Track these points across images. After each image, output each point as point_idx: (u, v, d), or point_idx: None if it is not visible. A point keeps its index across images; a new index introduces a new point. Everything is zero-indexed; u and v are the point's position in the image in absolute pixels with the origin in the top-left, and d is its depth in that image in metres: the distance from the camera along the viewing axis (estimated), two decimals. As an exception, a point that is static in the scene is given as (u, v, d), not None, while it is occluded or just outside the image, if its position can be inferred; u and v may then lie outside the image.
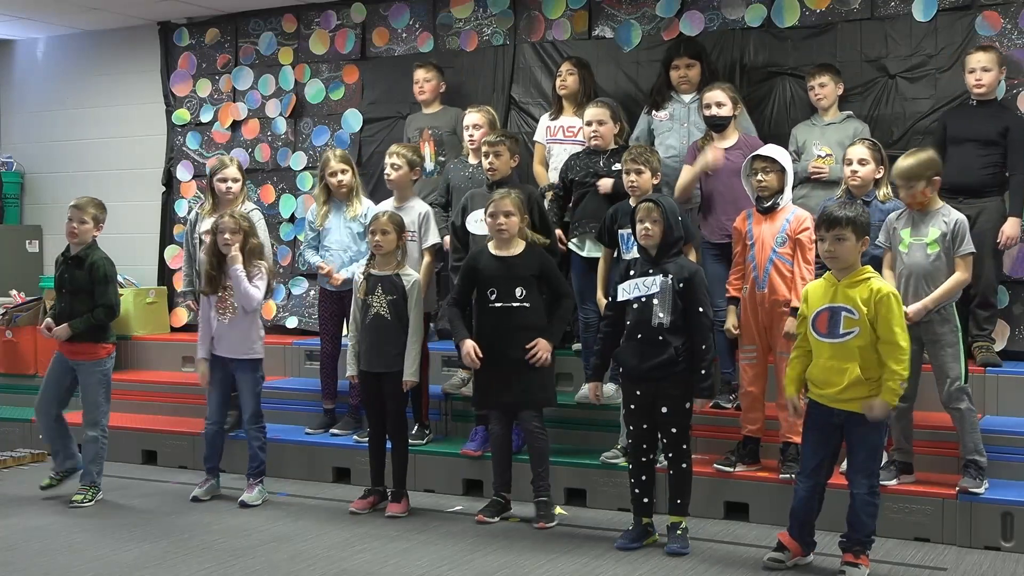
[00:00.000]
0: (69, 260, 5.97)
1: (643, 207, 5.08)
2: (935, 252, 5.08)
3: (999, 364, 5.83)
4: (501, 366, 5.42)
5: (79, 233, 5.93)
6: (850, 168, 5.49)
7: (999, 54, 5.97)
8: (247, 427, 6.02)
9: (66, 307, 5.96)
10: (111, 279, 5.98)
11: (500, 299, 5.43)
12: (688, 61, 6.45)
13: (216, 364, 5.99)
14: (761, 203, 5.41)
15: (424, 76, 7.20)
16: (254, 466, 6.00)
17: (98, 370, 5.98)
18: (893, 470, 5.22)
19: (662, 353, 4.95)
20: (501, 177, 5.97)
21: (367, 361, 5.73)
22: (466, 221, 6.02)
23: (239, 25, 8.48)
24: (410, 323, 5.69)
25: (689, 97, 6.42)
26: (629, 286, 5.09)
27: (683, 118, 6.37)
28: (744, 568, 4.77)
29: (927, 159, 5.12)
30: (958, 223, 5.08)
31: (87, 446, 5.97)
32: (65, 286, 5.97)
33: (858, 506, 4.55)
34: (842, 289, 4.55)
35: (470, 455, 6.04)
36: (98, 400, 5.98)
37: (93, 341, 5.95)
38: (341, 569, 4.81)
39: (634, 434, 5.11)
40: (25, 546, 5.20)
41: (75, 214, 5.94)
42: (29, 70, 9.52)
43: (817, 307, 4.60)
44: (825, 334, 4.57)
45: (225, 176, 6.54)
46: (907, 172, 5.10)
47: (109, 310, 5.97)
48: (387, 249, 5.70)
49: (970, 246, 5.07)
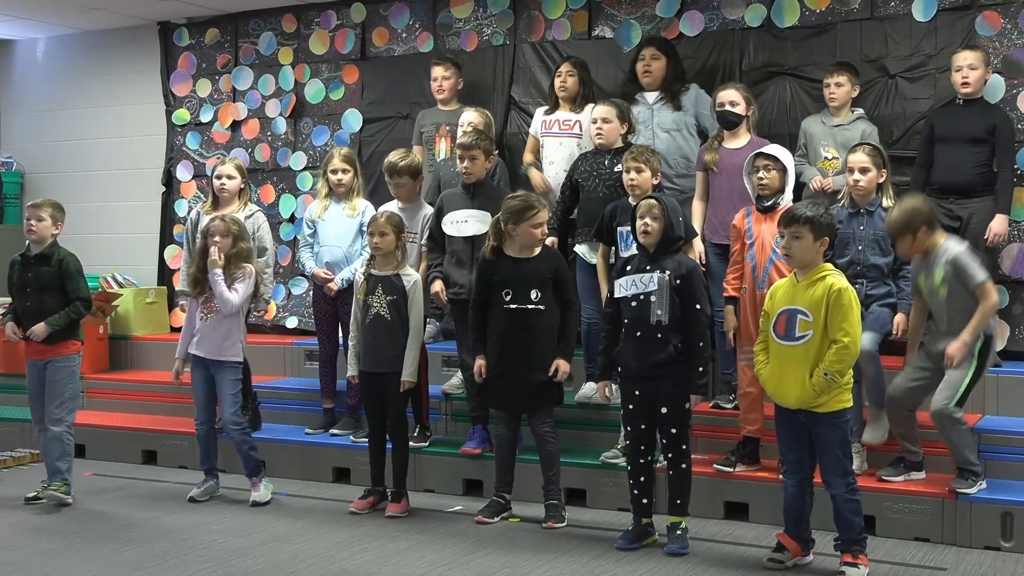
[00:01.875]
0: (32, 259, 5.95)
1: (644, 204, 5.07)
2: (946, 293, 5.08)
3: (999, 364, 5.82)
4: (513, 366, 5.42)
5: (37, 231, 5.91)
6: (852, 177, 5.48)
7: (985, 53, 5.99)
8: (228, 430, 5.99)
9: (33, 306, 5.92)
10: (81, 273, 6.01)
11: (515, 300, 5.42)
12: (653, 52, 6.45)
13: (199, 364, 5.99)
14: (761, 202, 5.40)
15: (443, 74, 7.17)
16: (250, 466, 6.00)
17: (68, 365, 5.97)
18: (902, 467, 5.22)
19: (661, 351, 4.95)
20: (476, 179, 5.99)
21: (367, 361, 5.72)
22: (442, 223, 6.03)
23: (239, 25, 8.47)
24: (410, 324, 5.69)
25: (653, 97, 6.42)
26: (626, 282, 5.08)
27: (647, 120, 6.36)
28: (744, 568, 4.77)
29: (911, 211, 5.08)
30: (956, 261, 5.04)
31: (51, 444, 5.91)
32: (29, 285, 5.93)
33: (840, 506, 4.57)
34: (801, 290, 4.57)
35: (470, 453, 6.04)
36: (64, 396, 5.94)
37: (64, 339, 5.95)
38: (341, 569, 4.81)
39: (633, 434, 5.11)
40: (25, 546, 5.20)
41: (32, 212, 5.94)
42: (29, 70, 9.52)
43: (779, 308, 4.62)
44: (783, 336, 4.59)
45: (220, 173, 6.59)
46: (892, 230, 5.13)
47: (87, 303, 6.01)
48: (385, 250, 5.70)
49: (978, 275, 5.01)
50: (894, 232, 5.13)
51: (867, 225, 5.49)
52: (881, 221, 5.39)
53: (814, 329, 4.50)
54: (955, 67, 5.91)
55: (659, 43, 6.57)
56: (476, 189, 5.98)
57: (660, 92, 6.43)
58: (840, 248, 5.44)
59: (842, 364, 4.47)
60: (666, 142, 6.31)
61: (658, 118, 6.37)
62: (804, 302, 4.54)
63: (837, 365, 4.46)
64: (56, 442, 5.91)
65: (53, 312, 5.88)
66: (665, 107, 6.41)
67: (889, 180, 5.54)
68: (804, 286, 4.57)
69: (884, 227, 5.24)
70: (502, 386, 5.49)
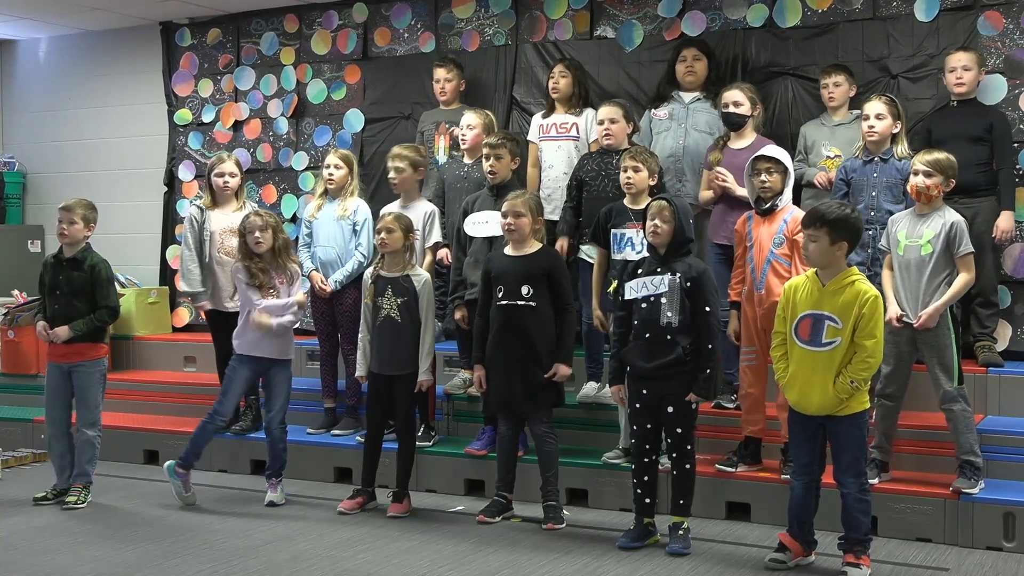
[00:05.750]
0: (64, 262, 5.92)
1: (655, 205, 5.07)
2: (928, 254, 5.08)
3: (1001, 364, 5.84)
4: (507, 365, 5.41)
5: (70, 234, 5.88)
6: (867, 123, 5.50)
7: (979, 54, 6.00)
8: (275, 427, 5.95)
9: (61, 309, 5.88)
10: (112, 281, 5.99)
11: (506, 296, 5.42)
12: (696, 53, 6.48)
13: (245, 363, 5.94)
14: (760, 204, 5.39)
15: (445, 76, 7.17)
16: (277, 467, 5.98)
17: (97, 369, 5.96)
18: (874, 468, 5.22)
19: (670, 353, 4.95)
20: (501, 180, 5.99)
21: (377, 364, 5.71)
22: (464, 224, 6.03)
23: (241, 25, 8.48)
24: (423, 324, 5.67)
25: (690, 97, 6.42)
26: (637, 284, 5.08)
27: (681, 118, 6.37)
28: (746, 568, 4.77)
29: (953, 160, 5.14)
30: (955, 225, 5.07)
31: (83, 446, 5.91)
32: (60, 288, 5.89)
33: (850, 505, 4.56)
34: (828, 295, 4.53)
35: (474, 454, 6.04)
36: (97, 400, 5.95)
37: (91, 342, 5.93)
38: (343, 569, 4.81)
39: (638, 433, 5.11)
40: (26, 546, 5.20)
41: (64, 215, 5.90)
42: (31, 70, 9.53)
43: (802, 311, 4.59)
44: (807, 341, 4.56)
45: (223, 171, 6.58)
46: (935, 163, 5.09)
47: (113, 312, 5.96)
48: (392, 248, 5.68)
49: (969, 246, 5.06)
50: (936, 165, 5.07)
51: (881, 172, 5.56)
52: (895, 170, 5.42)
53: (842, 336, 4.47)
54: (949, 68, 5.95)
55: (700, 44, 6.59)
56: (500, 191, 5.96)
57: (699, 92, 6.43)
58: (855, 195, 5.54)
59: (868, 372, 4.47)
60: (698, 142, 6.31)
61: (693, 119, 6.36)
62: (833, 308, 4.50)
63: (863, 373, 4.45)
64: (88, 445, 5.91)
65: (80, 316, 5.85)
66: (702, 108, 6.40)
67: (904, 132, 5.56)
68: (831, 291, 4.53)
69: (922, 158, 5.13)
70: (498, 389, 5.47)
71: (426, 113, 7.36)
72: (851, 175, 5.71)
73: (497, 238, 5.81)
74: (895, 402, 5.27)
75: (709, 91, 6.44)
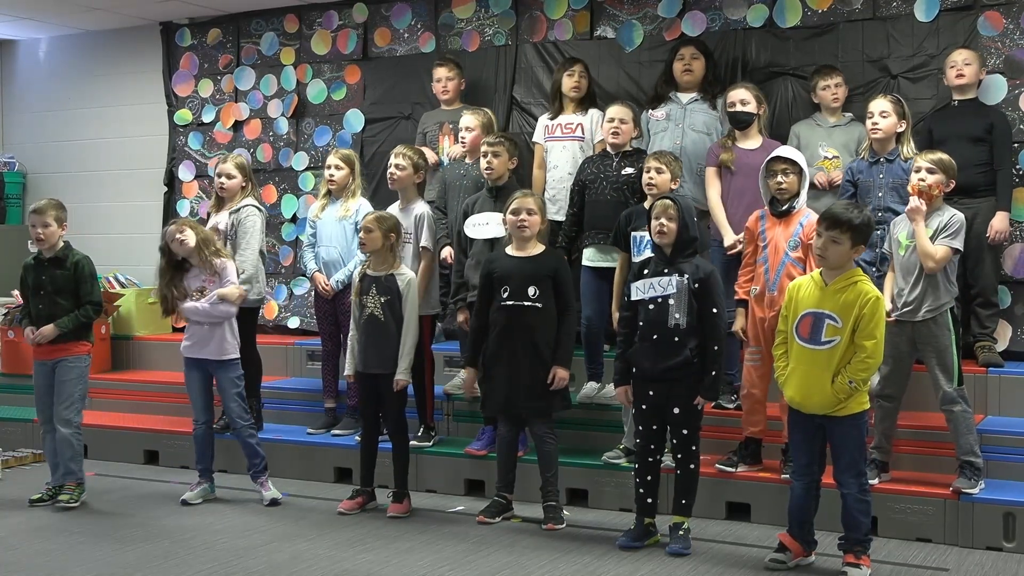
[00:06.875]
0: (46, 261, 5.93)
1: (659, 204, 5.06)
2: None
3: (1001, 364, 5.84)
4: (510, 366, 5.41)
5: (46, 237, 5.88)
6: (871, 121, 5.50)
7: (980, 53, 6.00)
8: (237, 427, 5.98)
9: (46, 308, 5.89)
10: (95, 276, 6.02)
11: (512, 297, 5.40)
12: (694, 52, 6.46)
13: (193, 365, 5.99)
14: (777, 206, 5.35)
15: (446, 75, 7.16)
16: (257, 463, 5.98)
17: (79, 364, 5.95)
18: (874, 469, 5.22)
19: (678, 354, 4.94)
20: (498, 178, 5.99)
21: (363, 362, 5.72)
22: (464, 226, 6.02)
23: (241, 25, 8.48)
24: (404, 323, 5.67)
25: (687, 97, 6.41)
26: (643, 285, 5.07)
27: (679, 119, 6.36)
28: (746, 569, 4.77)
29: (953, 161, 5.17)
30: (954, 217, 5.09)
31: (62, 445, 5.89)
32: (44, 287, 5.90)
33: (851, 505, 4.57)
34: (830, 294, 4.53)
35: (474, 454, 6.04)
36: (74, 397, 5.92)
37: (76, 339, 5.94)
38: (342, 569, 4.81)
39: (643, 434, 5.10)
40: (26, 546, 5.20)
41: (37, 219, 5.90)
42: (31, 70, 9.53)
43: (804, 309, 4.59)
44: (807, 339, 4.56)
45: (220, 172, 6.61)
46: (938, 161, 5.12)
47: (97, 307, 6.02)
48: (371, 247, 5.68)
49: (955, 243, 5.05)
50: (941, 164, 5.11)
51: (887, 173, 5.58)
52: (901, 171, 5.43)
53: (842, 335, 4.47)
54: (949, 65, 5.96)
55: (698, 43, 6.57)
56: (499, 192, 5.96)
57: (696, 92, 6.43)
58: (862, 196, 5.55)
59: (867, 372, 4.47)
60: (695, 142, 6.28)
61: (690, 119, 6.35)
62: (834, 306, 4.50)
63: (863, 373, 4.45)
64: (66, 444, 5.90)
65: (66, 314, 5.87)
66: (699, 108, 6.39)
67: (909, 132, 5.56)
68: (833, 290, 4.52)
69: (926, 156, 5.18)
70: (498, 390, 5.47)
71: (427, 114, 7.36)
72: (857, 176, 5.71)
73: (498, 239, 5.81)
74: (894, 403, 5.27)
75: (707, 91, 6.43)
